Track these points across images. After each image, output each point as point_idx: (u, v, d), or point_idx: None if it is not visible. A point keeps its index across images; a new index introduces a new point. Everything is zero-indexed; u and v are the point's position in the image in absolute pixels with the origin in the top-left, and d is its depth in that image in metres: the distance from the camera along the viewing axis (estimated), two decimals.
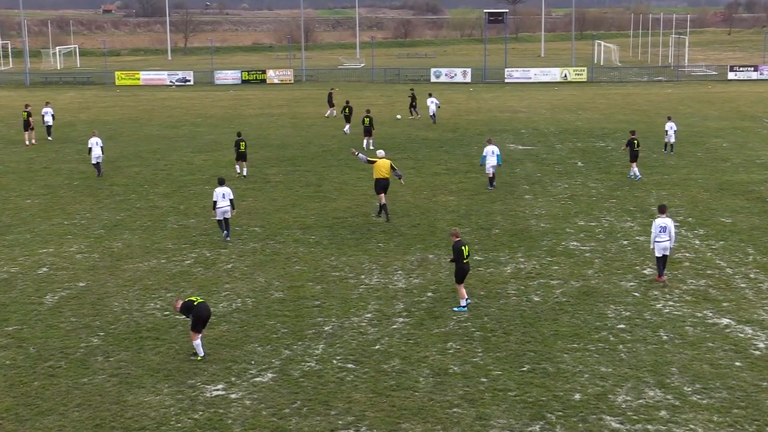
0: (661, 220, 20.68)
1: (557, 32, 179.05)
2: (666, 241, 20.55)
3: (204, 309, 16.74)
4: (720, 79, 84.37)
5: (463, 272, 19.08)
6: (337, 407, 14.77)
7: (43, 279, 22.04)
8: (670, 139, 39.59)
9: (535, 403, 14.83)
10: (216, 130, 50.29)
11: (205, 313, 16.75)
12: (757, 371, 15.97)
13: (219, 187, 25.12)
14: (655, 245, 20.70)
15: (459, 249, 18.83)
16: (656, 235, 20.62)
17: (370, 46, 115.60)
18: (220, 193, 24.95)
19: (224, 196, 24.95)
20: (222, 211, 25.06)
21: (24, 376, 16.15)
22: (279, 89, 79.07)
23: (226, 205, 24.99)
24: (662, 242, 20.57)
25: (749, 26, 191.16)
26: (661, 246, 20.62)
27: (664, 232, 20.55)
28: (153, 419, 14.44)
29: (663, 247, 20.64)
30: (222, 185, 25.23)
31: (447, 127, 49.94)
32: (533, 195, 31.08)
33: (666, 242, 20.56)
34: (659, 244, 20.62)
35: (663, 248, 20.65)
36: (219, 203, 24.91)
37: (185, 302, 16.85)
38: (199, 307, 16.67)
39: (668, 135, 39.59)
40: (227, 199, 24.97)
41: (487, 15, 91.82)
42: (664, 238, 20.54)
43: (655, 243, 20.70)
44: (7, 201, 31.31)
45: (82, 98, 72.42)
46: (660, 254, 20.74)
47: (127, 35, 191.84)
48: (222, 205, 24.94)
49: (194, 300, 16.86)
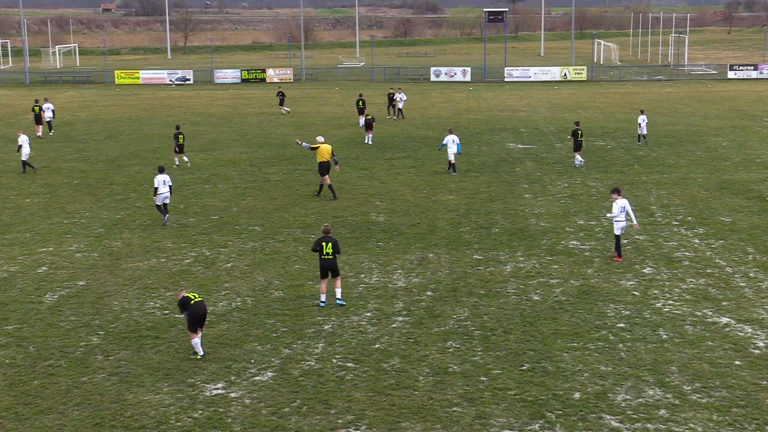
0: (621, 201, 22.52)
1: (557, 31, 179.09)
2: (624, 220, 22.52)
3: (199, 308, 16.72)
4: (720, 78, 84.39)
5: (322, 267, 19.32)
6: (337, 406, 14.77)
7: (43, 278, 22.04)
8: (643, 131, 42.13)
9: (534, 401, 14.83)
10: (216, 129, 50.31)
11: (200, 312, 16.73)
12: (757, 370, 15.97)
13: (159, 175, 27.02)
14: (615, 224, 22.52)
15: (320, 244, 19.25)
16: (617, 215, 22.41)
17: (369, 45, 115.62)
18: (161, 180, 26.91)
19: (165, 182, 26.96)
20: (163, 197, 27.03)
21: (24, 375, 16.15)
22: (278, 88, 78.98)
23: (167, 191, 27.04)
24: (621, 222, 22.51)
25: (749, 25, 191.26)
26: (621, 225, 22.55)
27: (622, 212, 22.47)
28: (153, 418, 14.44)
29: (621, 227, 22.62)
30: (162, 173, 27.15)
31: (447, 126, 49.92)
32: (533, 194, 31.09)
33: (624, 222, 22.54)
34: (619, 224, 22.51)
35: (621, 227, 22.64)
36: (160, 189, 26.84)
37: (184, 297, 16.82)
38: (195, 306, 16.66)
39: (641, 127, 42.09)
40: (167, 186, 27.01)
41: (487, 14, 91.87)
42: (623, 217, 22.50)
43: (615, 222, 22.50)
44: (7, 200, 31.31)
45: (82, 97, 72.42)
46: (619, 232, 22.66)
47: (126, 34, 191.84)
48: (163, 191, 26.93)
49: (192, 298, 16.82)
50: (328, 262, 19.27)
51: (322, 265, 19.35)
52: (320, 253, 19.29)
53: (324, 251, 19.20)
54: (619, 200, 22.51)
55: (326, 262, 19.27)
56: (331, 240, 19.37)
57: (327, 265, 19.31)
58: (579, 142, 36.00)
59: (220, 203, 30.21)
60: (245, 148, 42.74)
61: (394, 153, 40.41)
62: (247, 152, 41.30)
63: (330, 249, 19.21)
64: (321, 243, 19.28)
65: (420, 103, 63.44)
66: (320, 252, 19.28)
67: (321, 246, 19.25)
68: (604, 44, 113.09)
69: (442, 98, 67.47)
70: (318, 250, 19.34)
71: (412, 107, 60.41)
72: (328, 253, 19.20)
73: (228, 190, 32.55)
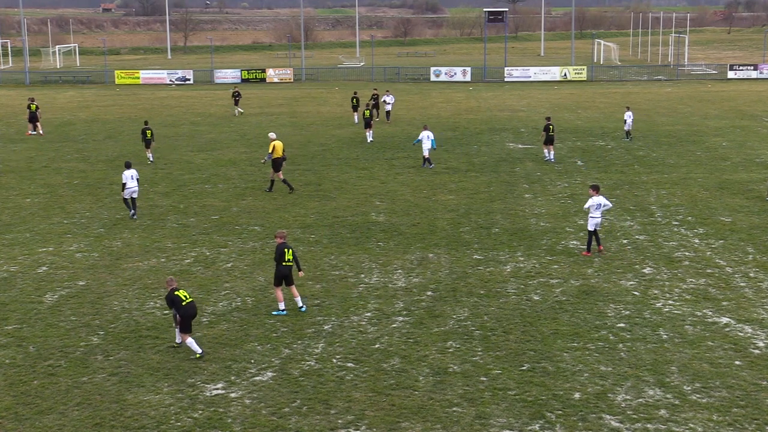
0: (597, 198, 23.08)
1: (557, 31, 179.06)
2: (599, 217, 23.22)
3: (191, 308, 16.83)
4: (720, 78, 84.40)
5: (281, 275, 18.77)
6: (337, 406, 14.77)
7: (43, 278, 22.04)
8: (628, 127, 43.51)
9: (534, 402, 14.83)
10: (216, 129, 50.30)
11: (191, 312, 16.83)
12: (757, 370, 15.97)
13: (127, 170, 27.97)
14: (590, 219, 23.15)
15: (281, 251, 18.62)
16: (592, 211, 23.05)
17: (369, 45, 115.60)
18: (129, 175, 27.87)
19: (132, 177, 27.93)
20: (131, 191, 27.97)
21: (24, 375, 16.15)
22: (279, 88, 79.07)
23: (135, 185, 28.02)
24: (596, 218, 23.15)
25: (749, 25, 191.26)
26: (595, 221, 23.18)
27: (597, 209, 23.10)
28: (153, 418, 14.44)
29: (596, 222, 23.25)
30: (129, 168, 28.09)
31: (447, 126, 49.95)
32: (533, 194, 31.09)
33: (599, 218, 23.24)
34: (593, 219, 23.15)
35: (596, 223, 23.27)
36: (128, 184, 27.82)
37: (174, 293, 16.81)
38: (187, 306, 16.74)
39: (627, 123, 43.46)
40: (135, 180, 28.01)
41: (487, 14, 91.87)
42: (597, 214, 23.14)
43: (590, 218, 23.14)
44: (7, 200, 31.31)
45: (82, 97, 72.41)
46: (593, 228, 23.25)
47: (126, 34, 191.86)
48: (131, 185, 27.90)
49: (183, 298, 16.80)
50: (287, 269, 18.78)
51: (282, 273, 18.74)
52: (281, 259, 18.68)
53: (285, 258, 18.67)
54: (596, 197, 23.07)
55: (286, 269, 18.75)
56: (291, 247, 18.98)
57: (286, 273, 18.81)
58: (551, 136, 37.00)
59: (220, 203, 30.21)
60: (245, 148, 42.73)
61: (394, 153, 40.41)
62: (247, 152, 41.30)
63: (290, 256, 18.74)
64: (283, 250, 18.67)
65: (420, 103, 63.45)
66: (282, 258, 18.68)
67: (283, 253, 18.68)
68: (604, 44, 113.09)
69: (442, 98, 67.47)
70: (280, 257, 18.70)
71: (412, 107, 60.46)
72: (289, 260, 18.72)
73: (228, 190, 32.55)
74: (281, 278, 18.82)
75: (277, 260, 18.71)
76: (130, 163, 28.61)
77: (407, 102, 64.46)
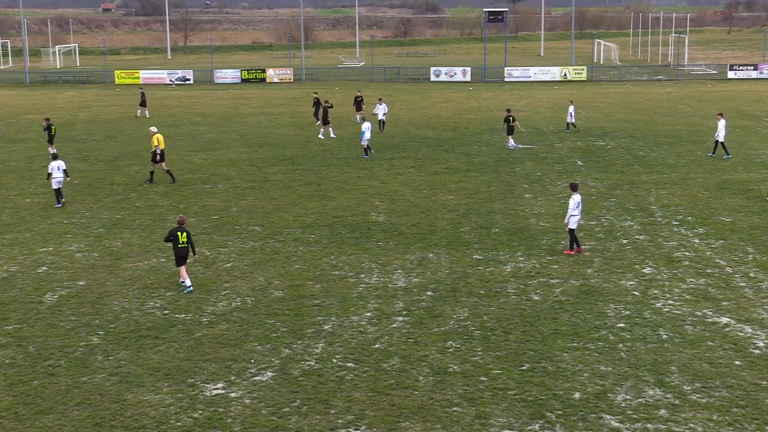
0: (577, 197, 23.27)
1: (557, 31, 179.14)
2: (579, 215, 23.36)
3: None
4: (720, 78, 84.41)
5: (178, 255, 20.57)
6: (337, 406, 14.77)
7: (43, 278, 22.04)
8: (572, 119, 46.91)
9: (534, 401, 14.83)
10: (216, 129, 50.31)
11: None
12: (757, 370, 15.97)
13: (53, 161, 29.72)
14: (571, 218, 23.17)
15: (175, 234, 20.40)
16: (572, 210, 23.11)
17: (369, 45, 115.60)
18: (55, 166, 29.52)
19: (59, 168, 29.56)
20: (57, 181, 29.59)
21: (24, 375, 16.15)
22: (279, 88, 79.07)
23: (61, 175, 29.61)
24: (576, 216, 23.25)
25: (749, 25, 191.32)
26: (576, 219, 23.29)
27: (577, 207, 23.20)
28: (153, 418, 14.44)
29: (576, 220, 23.35)
30: (56, 159, 29.85)
31: (447, 126, 49.96)
32: (533, 194, 31.09)
33: (578, 216, 23.35)
34: (574, 218, 23.21)
35: (576, 221, 23.37)
36: (54, 174, 29.47)
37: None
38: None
39: (570, 116, 46.90)
40: (61, 171, 29.60)
41: (487, 14, 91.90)
42: (578, 212, 23.26)
43: (571, 217, 23.15)
44: (7, 200, 31.31)
45: (82, 97, 72.43)
46: (575, 226, 23.38)
47: (126, 34, 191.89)
48: (57, 176, 29.52)
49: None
50: (183, 250, 20.52)
51: (179, 254, 20.52)
52: (176, 242, 20.40)
53: (180, 240, 20.36)
54: (576, 196, 23.28)
55: (182, 250, 20.50)
56: (186, 230, 20.58)
57: (183, 254, 20.56)
58: (511, 127, 40.68)
59: (220, 203, 30.21)
60: (245, 148, 42.74)
61: (394, 153, 40.41)
62: (247, 152, 41.30)
63: (185, 238, 20.42)
64: (176, 233, 20.38)
65: (420, 103, 63.46)
66: (175, 241, 20.41)
67: (176, 236, 20.38)
68: (604, 44, 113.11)
69: (442, 98, 67.48)
70: (173, 240, 20.45)
71: (412, 107, 60.48)
72: (183, 242, 20.41)
73: (228, 190, 32.55)
74: (179, 259, 20.66)
75: (173, 242, 20.55)
76: (57, 155, 30.81)
77: (407, 102, 64.48)
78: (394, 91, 73.67)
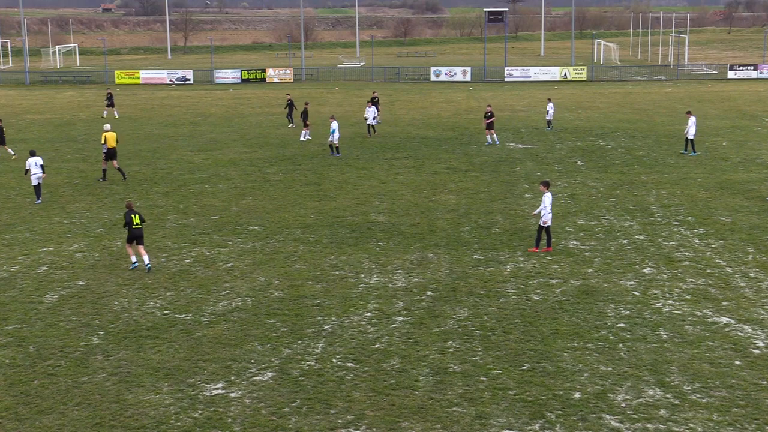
0: (549, 194, 23.30)
1: (557, 31, 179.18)
2: (551, 213, 23.43)
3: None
4: (720, 78, 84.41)
5: (132, 236, 22.23)
6: (337, 406, 14.77)
7: (43, 278, 22.04)
8: (550, 117, 47.56)
9: (534, 401, 14.83)
10: (216, 129, 50.31)
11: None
12: (757, 370, 15.97)
13: (31, 158, 30.27)
14: (547, 215, 23.14)
15: (129, 217, 22.11)
16: (548, 207, 23.08)
17: (369, 45, 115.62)
18: (33, 162, 30.07)
19: (36, 164, 30.04)
20: (36, 177, 30.05)
21: (24, 375, 16.15)
22: (279, 88, 79.07)
23: (39, 171, 30.08)
24: (550, 213, 23.31)
25: (749, 25, 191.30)
26: (550, 217, 23.31)
27: (550, 204, 23.27)
28: (153, 418, 14.44)
29: (550, 218, 23.44)
30: (33, 156, 30.38)
31: (447, 126, 49.96)
32: (533, 194, 31.07)
33: (551, 214, 23.39)
34: (549, 215, 23.27)
35: (550, 219, 23.40)
36: (32, 170, 30.00)
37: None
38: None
39: (549, 114, 47.47)
40: (39, 167, 30.07)
41: (487, 14, 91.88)
42: (550, 209, 23.28)
43: (549, 215, 23.18)
44: (7, 200, 31.30)
45: (82, 97, 72.44)
46: (550, 223, 23.47)
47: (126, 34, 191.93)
48: (35, 171, 30.00)
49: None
50: (137, 231, 22.18)
51: (132, 234, 22.17)
52: (130, 224, 22.10)
53: (134, 222, 22.10)
54: (549, 193, 23.32)
55: (136, 231, 22.17)
56: (138, 212, 22.42)
57: (136, 234, 22.21)
58: (490, 122, 42.21)
59: (220, 203, 30.21)
60: (245, 148, 42.74)
61: (394, 153, 40.42)
62: (247, 152, 41.31)
63: (138, 220, 22.21)
64: (130, 215, 22.14)
65: (420, 103, 63.46)
66: (131, 223, 22.10)
67: (131, 218, 22.12)
68: (604, 44, 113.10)
69: (442, 98, 67.49)
70: (129, 222, 22.11)
71: (412, 107, 60.49)
72: (137, 223, 22.18)
73: (228, 190, 32.55)
74: (132, 238, 22.26)
75: (128, 224, 22.10)
76: (35, 151, 31.14)
77: (407, 102, 64.50)
78: (394, 91, 73.67)
